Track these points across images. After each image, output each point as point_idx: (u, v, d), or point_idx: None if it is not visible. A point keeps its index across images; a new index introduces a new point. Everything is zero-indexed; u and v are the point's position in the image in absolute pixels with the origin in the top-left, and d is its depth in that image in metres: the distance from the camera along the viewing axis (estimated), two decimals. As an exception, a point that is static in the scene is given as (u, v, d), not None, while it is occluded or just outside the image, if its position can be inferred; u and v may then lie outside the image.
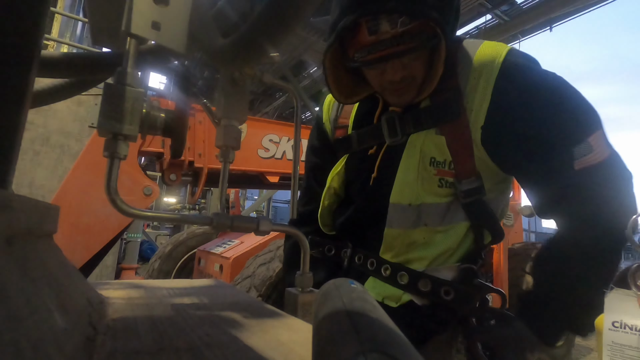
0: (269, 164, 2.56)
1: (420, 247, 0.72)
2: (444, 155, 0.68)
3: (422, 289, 0.69)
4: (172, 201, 12.60)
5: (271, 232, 0.52)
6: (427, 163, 0.69)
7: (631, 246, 0.59)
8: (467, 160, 0.67)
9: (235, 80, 0.53)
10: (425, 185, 0.69)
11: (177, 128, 0.44)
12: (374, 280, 0.76)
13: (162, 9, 0.39)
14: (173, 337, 0.36)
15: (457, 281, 0.69)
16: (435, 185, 0.69)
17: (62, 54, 0.59)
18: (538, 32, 6.48)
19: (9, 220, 0.26)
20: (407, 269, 0.71)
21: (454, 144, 0.67)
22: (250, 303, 0.57)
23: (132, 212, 0.40)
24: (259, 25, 0.37)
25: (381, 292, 0.74)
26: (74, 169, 1.83)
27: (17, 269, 0.25)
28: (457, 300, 0.67)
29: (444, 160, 0.68)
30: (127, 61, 0.37)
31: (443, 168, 0.68)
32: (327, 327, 0.22)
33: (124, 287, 0.62)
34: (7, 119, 0.34)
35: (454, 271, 0.70)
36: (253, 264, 2.03)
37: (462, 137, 0.67)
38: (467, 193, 0.68)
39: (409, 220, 0.70)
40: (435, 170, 0.68)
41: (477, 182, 0.68)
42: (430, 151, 0.68)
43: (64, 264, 0.41)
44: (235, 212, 4.37)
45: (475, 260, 0.71)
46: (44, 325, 0.24)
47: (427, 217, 0.69)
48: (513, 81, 0.64)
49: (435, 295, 0.68)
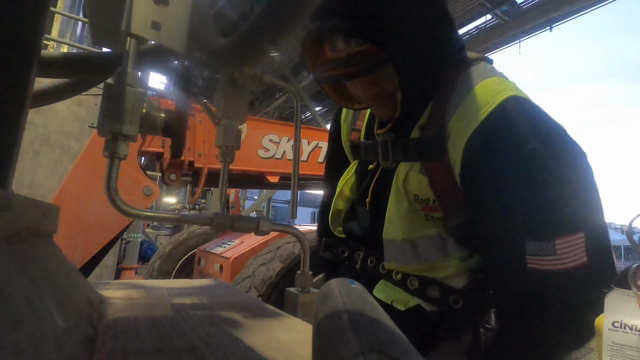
0: (269, 164, 2.56)
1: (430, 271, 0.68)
2: (426, 193, 0.65)
3: (431, 295, 0.67)
4: (172, 201, 12.59)
5: (271, 232, 0.52)
6: (412, 198, 0.66)
7: (631, 246, 0.59)
8: (452, 198, 0.63)
9: (235, 80, 0.53)
10: (414, 219, 0.67)
11: (177, 128, 0.44)
12: (384, 284, 0.75)
13: (162, 9, 0.39)
14: (173, 337, 0.36)
15: (467, 290, 0.66)
16: (422, 219, 0.67)
17: (62, 54, 0.59)
18: (538, 32, 6.47)
19: (9, 220, 0.26)
20: (417, 275, 0.69)
21: (437, 184, 0.63)
22: (250, 303, 0.57)
23: (132, 212, 0.41)
24: (259, 25, 0.37)
25: (390, 295, 0.73)
26: (74, 169, 1.83)
27: (17, 269, 0.25)
28: (466, 309, 0.65)
29: (427, 197, 0.65)
30: (127, 61, 0.37)
31: (427, 204, 0.65)
32: (327, 327, 0.22)
33: (124, 287, 0.62)
34: (7, 119, 0.34)
35: (465, 280, 0.67)
36: (253, 264, 2.03)
37: (445, 177, 0.62)
38: (456, 228, 0.64)
39: (407, 254, 0.67)
40: (420, 207, 0.66)
41: (465, 217, 0.63)
42: (414, 189, 0.66)
43: (64, 264, 0.41)
44: (235, 212, 4.37)
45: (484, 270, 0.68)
46: (44, 325, 0.24)
47: (426, 252, 0.66)
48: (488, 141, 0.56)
49: (443, 302, 0.66)
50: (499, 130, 0.56)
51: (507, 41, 6.63)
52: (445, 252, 0.65)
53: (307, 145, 2.75)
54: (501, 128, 0.56)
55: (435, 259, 0.65)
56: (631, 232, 0.50)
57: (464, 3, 5.80)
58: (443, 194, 0.63)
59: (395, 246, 0.68)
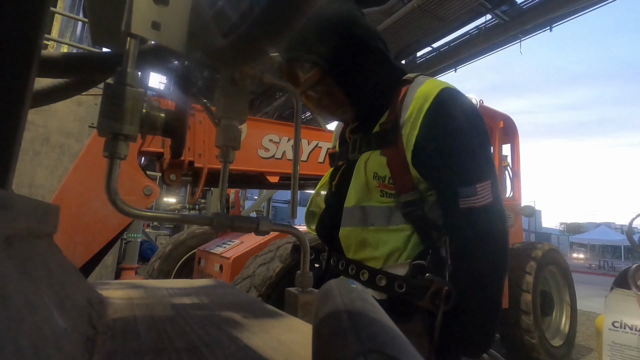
0: (269, 164, 2.55)
1: (372, 248, 0.83)
2: (384, 171, 0.82)
3: (379, 284, 0.79)
4: (172, 201, 12.60)
5: (271, 232, 0.52)
6: (371, 176, 0.83)
7: (631, 246, 0.59)
8: (404, 178, 0.80)
9: (235, 80, 0.53)
10: (370, 192, 0.83)
11: (177, 128, 0.44)
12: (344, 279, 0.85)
13: (162, 9, 0.39)
14: (173, 337, 0.36)
15: (408, 276, 0.78)
16: (378, 195, 0.83)
17: (62, 54, 0.59)
18: (538, 32, 6.47)
19: (9, 220, 0.26)
20: (367, 267, 0.82)
21: (392, 164, 0.81)
22: (250, 303, 0.57)
23: (132, 212, 0.41)
24: (259, 25, 0.37)
25: None
26: (74, 169, 1.82)
27: (17, 269, 0.25)
28: (409, 292, 0.76)
29: (385, 175, 0.82)
30: (127, 61, 0.37)
31: (384, 182, 0.82)
32: (327, 327, 0.22)
33: (124, 287, 0.62)
34: (7, 119, 0.34)
35: (406, 267, 0.79)
36: (253, 264, 2.03)
37: (399, 159, 0.80)
38: (405, 205, 0.80)
39: (356, 219, 0.84)
40: (377, 183, 0.82)
41: (415, 196, 0.80)
42: (374, 167, 0.83)
43: (64, 264, 0.41)
44: (235, 212, 4.37)
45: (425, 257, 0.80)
46: (44, 325, 0.24)
47: (374, 219, 0.82)
48: (436, 117, 0.77)
49: (390, 289, 0.78)
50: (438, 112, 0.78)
51: (507, 41, 6.62)
52: (390, 222, 0.81)
53: (307, 145, 2.75)
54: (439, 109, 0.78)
55: (380, 225, 0.82)
56: (631, 232, 0.50)
57: (464, 3, 5.80)
58: (397, 173, 0.80)
59: (349, 212, 0.85)
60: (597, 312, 5.45)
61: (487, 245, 0.75)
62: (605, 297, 0.79)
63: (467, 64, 7.53)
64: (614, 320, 0.57)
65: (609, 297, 0.60)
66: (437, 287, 0.76)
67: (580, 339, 3.90)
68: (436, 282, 0.76)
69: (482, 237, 0.75)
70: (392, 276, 0.78)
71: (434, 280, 0.76)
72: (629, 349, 0.55)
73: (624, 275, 0.68)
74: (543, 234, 31.10)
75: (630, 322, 0.56)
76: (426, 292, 0.75)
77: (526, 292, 2.78)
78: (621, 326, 0.58)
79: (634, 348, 0.55)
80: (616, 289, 0.65)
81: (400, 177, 0.80)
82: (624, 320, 0.57)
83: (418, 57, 7.24)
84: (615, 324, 0.57)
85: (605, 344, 0.57)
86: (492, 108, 3.19)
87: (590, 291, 8.53)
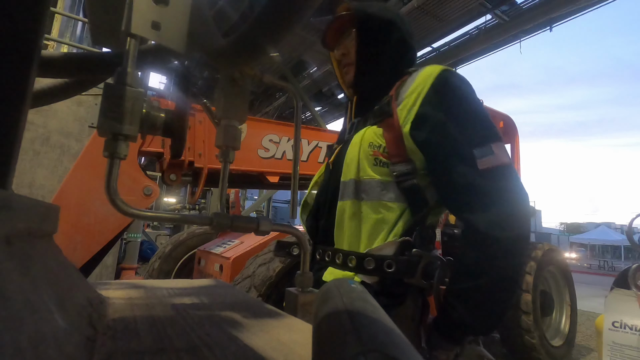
0: (269, 164, 2.56)
1: (363, 219, 0.83)
2: (380, 141, 0.84)
3: (368, 267, 0.77)
4: (172, 201, 12.60)
5: (271, 232, 0.52)
6: (367, 145, 0.85)
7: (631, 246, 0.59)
8: (398, 147, 0.81)
9: (235, 80, 0.53)
10: (364, 162, 0.84)
11: (177, 128, 0.44)
12: (331, 269, 0.86)
13: (162, 9, 0.39)
14: (173, 337, 0.36)
15: (397, 254, 0.77)
16: (371, 163, 0.83)
17: (62, 54, 0.59)
18: (538, 32, 6.47)
19: (9, 220, 0.26)
20: (355, 253, 0.80)
21: (387, 134, 0.83)
22: (250, 303, 0.57)
23: (132, 212, 0.40)
24: (259, 25, 0.36)
25: (337, 276, 0.82)
26: (74, 169, 1.82)
27: (17, 269, 0.25)
28: (400, 271, 0.75)
29: (380, 145, 0.84)
30: (127, 61, 0.37)
31: (378, 150, 0.83)
32: (327, 327, 0.22)
33: (124, 287, 0.62)
34: (7, 119, 0.34)
35: (394, 246, 0.78)
36: (253, 264, 2.03)
37: (393, 130, 0.82)
38: (400, 174, 0.80)
39: (350, 190, 0.85)
40: (372, 151, 0.84)
41: (409, 167, 0.80)
42: (370, 137, 0.85)
43: (64, 264, 0.41)
44: (235, 212, 4.36)
45: (411, 234, 0.79)
46: (44, 325, 0.24)
47: (365, 192, 0.83)
48: (440, 90, 0.80)
49: (379, 270, 0.76)
50: (442, 85, 0.81)
51: (507, 41, 6.63)
52: (382, 196, 0.82)
53: (307, 145, 2.75)
54: (443, 84, 0.81)
55: (372, 199, 0.82)
56: (631, 232, 0.50)
57: (464, 3, 5.80)
58: (392, 144, 0.82)
59: (345, 185, 0.86)
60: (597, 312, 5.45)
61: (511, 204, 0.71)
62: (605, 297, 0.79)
63: (467, 64, 7.54)
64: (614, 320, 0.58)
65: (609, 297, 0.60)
66: (427, 261, 0.75)
67: (580, 339, 3.90)
68: (425, 256, 0.75)
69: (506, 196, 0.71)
70: (379, 257, 0.77)
71: (422, 254, 0.75)
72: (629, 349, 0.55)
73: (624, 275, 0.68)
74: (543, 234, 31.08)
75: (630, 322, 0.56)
76: (416, 268, 0.74)
77: (526, 292, 2.78)
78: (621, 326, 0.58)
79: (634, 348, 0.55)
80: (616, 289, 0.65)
81: (394, 146, 0.81)
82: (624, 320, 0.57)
83: (418, 57, 7.26)
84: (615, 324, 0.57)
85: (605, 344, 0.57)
86: (492, 108, 3.19)
87: (590, 291, 8.54)
